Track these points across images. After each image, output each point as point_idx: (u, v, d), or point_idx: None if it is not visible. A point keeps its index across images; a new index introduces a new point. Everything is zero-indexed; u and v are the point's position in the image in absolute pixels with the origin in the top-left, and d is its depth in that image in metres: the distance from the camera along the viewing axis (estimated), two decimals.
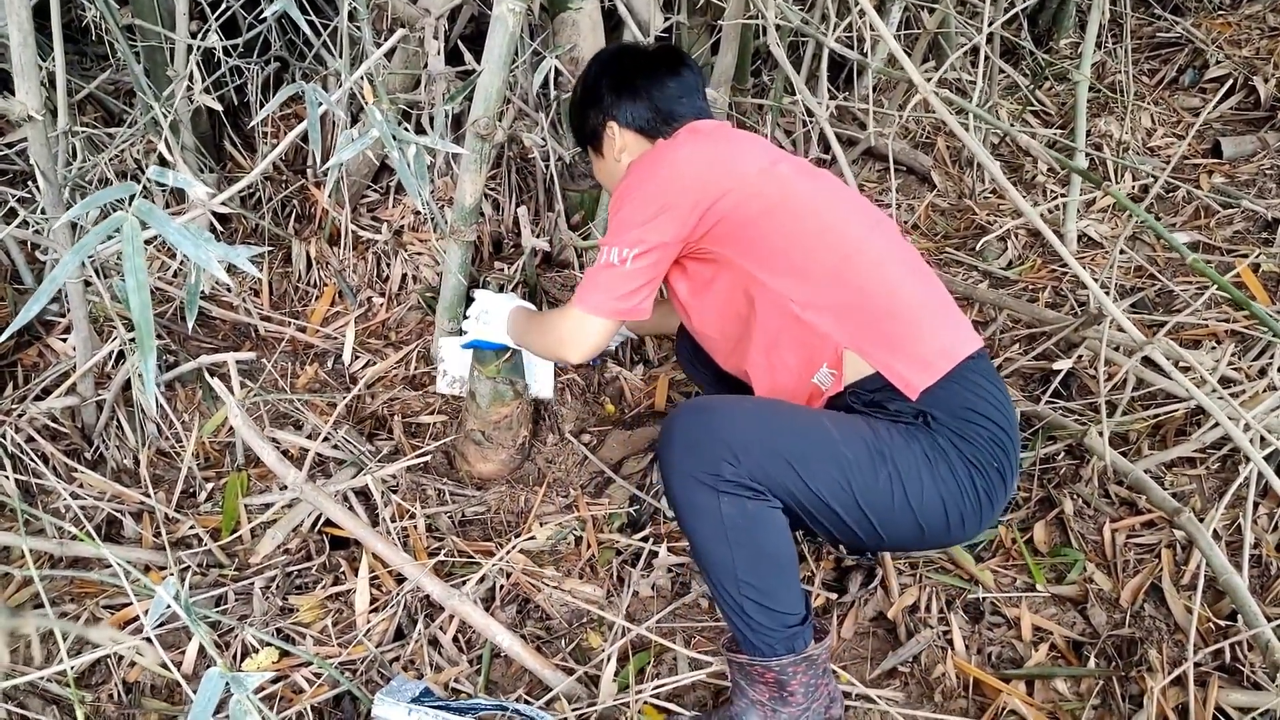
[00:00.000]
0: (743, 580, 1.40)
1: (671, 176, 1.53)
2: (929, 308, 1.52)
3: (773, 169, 1.54)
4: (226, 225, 2.63)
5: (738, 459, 1.37)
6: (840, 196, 1.58)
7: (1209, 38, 3.67)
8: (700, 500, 1.39)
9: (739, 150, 1.58)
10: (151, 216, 0.93)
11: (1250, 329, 2.26)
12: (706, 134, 1.62)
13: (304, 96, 1.29)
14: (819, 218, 1.52)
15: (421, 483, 2.06)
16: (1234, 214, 2.88)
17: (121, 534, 1.93)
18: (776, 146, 1.69)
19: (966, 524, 1.44)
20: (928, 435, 1.43)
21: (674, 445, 1.43)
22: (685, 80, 1.69)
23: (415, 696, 1.47)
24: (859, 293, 1.48)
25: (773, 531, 1.40)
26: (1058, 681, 1.61)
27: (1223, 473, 1.99)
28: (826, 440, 1.41)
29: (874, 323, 1.47)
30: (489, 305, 1.97)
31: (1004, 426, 1.46)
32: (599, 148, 1.77)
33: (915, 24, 3.24)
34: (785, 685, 1.42)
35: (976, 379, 1.47)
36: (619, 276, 1.55)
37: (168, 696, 1.65)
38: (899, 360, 1.45)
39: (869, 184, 3.24)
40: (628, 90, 1.68)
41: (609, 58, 1.75)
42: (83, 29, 2.61)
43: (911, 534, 1.44)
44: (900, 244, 1.58)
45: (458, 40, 2.64)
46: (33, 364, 2.23)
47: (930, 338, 1.48)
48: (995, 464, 1.44)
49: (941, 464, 1.41)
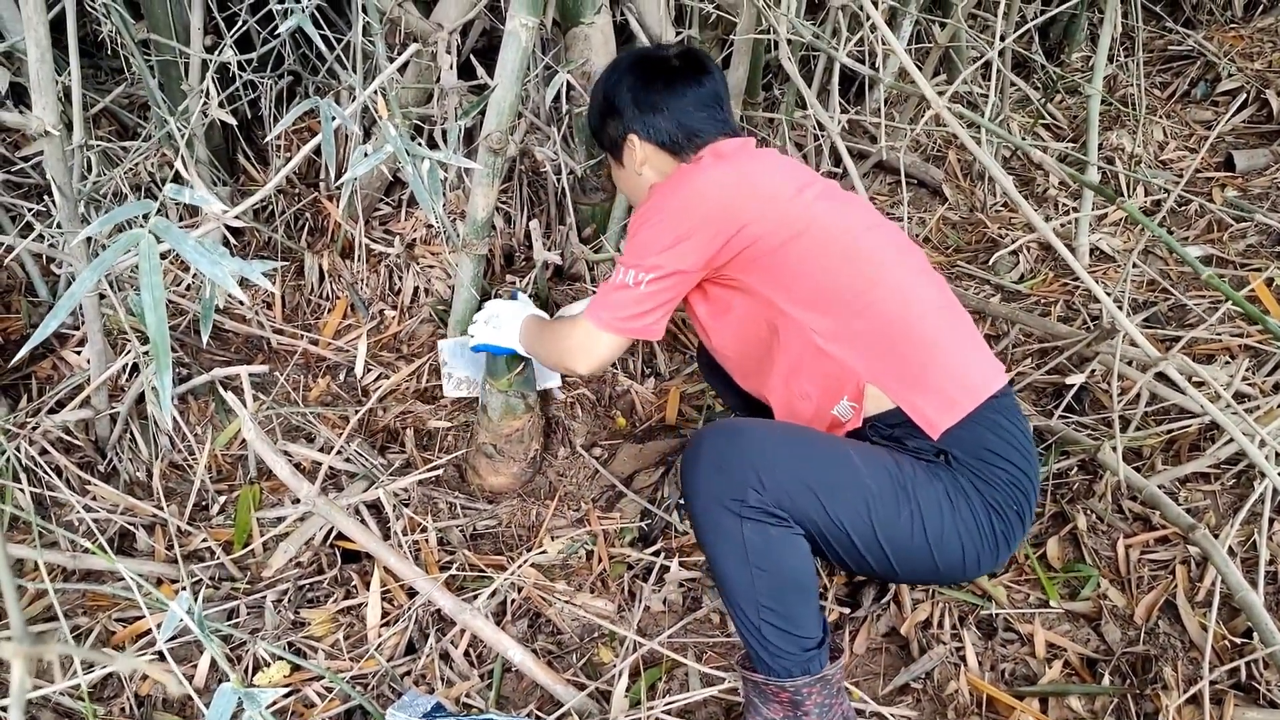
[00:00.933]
0: (763, 605, 1.39)
1: (695, 204, 1.50)
2: (955, 343, 1.49)
3: (799, 196, 1.51)
4: (240, 238, 2.64)
5: (763, 485, 1.36)
6: (867, 224, 1.55)
7: (1221, 51, 3.66)
8: (724, 523, 1.38)
9: (764, 175, 1.55)
10: (168, 234, 0.94)
11: (1265, 344, 2.25)
12: (731, 157, 1.59)
13: (318, 111, 1.29)
14: (844, 248, 1.49)
15: (433, 496, 2.06)
16: (1247, 227, 2.86)
17: (134, 547, 1.94)
18: (802, 164, 1.66)
19: (982, 563, 1.43)
20: (949, 474, 1.42)
21: (700, 467, 1.42)
22: (706, 89, 1.65)
23: (427, 711, 1.47)
24: (883, 326, 1.46)
25: (795, 557, 1.39)
26: (1072, 699, 1.59)
27: (1238, 488, 1.97)
28: (852, 471, 1.40)
29: (897, 357, 1.45)
30: (499, 310, 1.96)
31: (1024, 469, 1.44)
32: (619, 157, 1.75)
33: (927, 38, 3.24)
34: (800, 705, 1.41)
35: (998, 419, 1.45)
36: (631, 298, 1.54)
37: (180, 710, 1.65)
38: (921, 397, 1.44)
39: (880, 197, 3.23)
40: (647, 104, 1.65)
41: (629, 66, 1.71)
42: (98, 44, 2.64)
43: (926, 570, 1.43)
44: (927, 274, 1.55)
45: (470, 55, 2.64)
46: (47, 377, 2.24)
47: (954, 375, 1.45)
48: (1014, 507, 1.43)
49: (963, 504, 1.40)
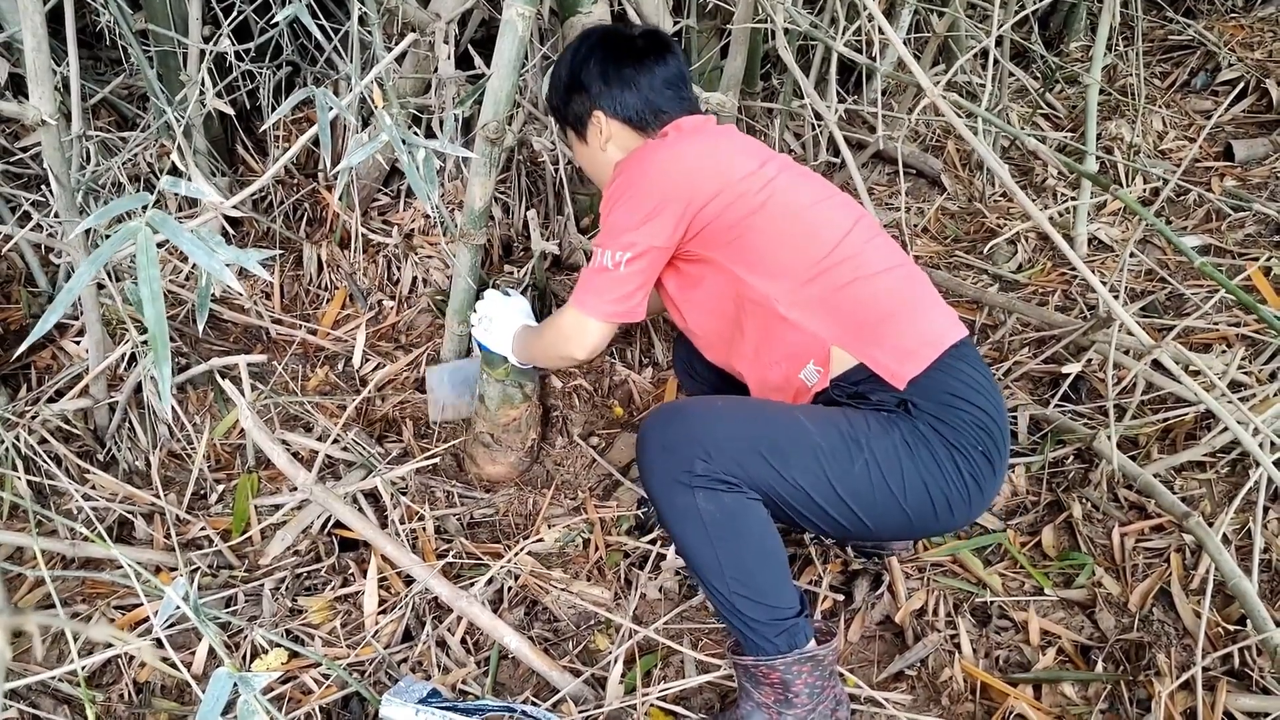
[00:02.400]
0: (730, 576, 1.41)
1: (660, 180, 1.53)
2: (913, 298, 1.54)
3: (760, 171, 1.55)
4: (238, 228, 2.65)
5: (709, 455, 1.40)
6: (823, 194, 1.60)
7: (1221, 41, 3.65)
8: (678, 500, 1.42)
9: (726, 151, 1.58)
10: (165, 226, 0.94)
11: (1261, 333, 2.25)
12: (693, 133, 1.62)
13: (315, 101, 1.30)
14: (803, 219, 1.54)
15: (430, 485, 2.07)
16: (1245, 217, 2.86)
17: (133, 535, 1.95)
18: (761, 143, 1.70)
19: (955, 510, 1.45)
20: (907, 422, 1.44)
21: (648, 449, 1.47)
22: (671, 68, 1.67)
23: (423, 697, 1.48)
24: (843, 290, 1.50)
25: (753, 523, 1.42)
26: (1065, 686, 1.60)
27: (1232, 477, 1.98)
28: (799, 431, 1.43)
29: (858, 320, 1.49)
30: (495, 313, 1.98)
31: (987, 410, 1.46)
32: (582, 134, 1.75)
33: (925, 27, 3.23)
34: (789, 686, 1.42)
35: (959, 365, 1.49)
36: (613, 280, 1.57)
37: (178, 696, 1.66)
38: (884, 353, 1.47)
39: (879, 187, 3.23)
40: (616, 80, 1.65)
41: (596, 43, 1.69)
42: (97, 34, 2.64)
43: (899, 521, 1.45)
44: (882, 238, 1.60)
45: (468, 45, 2.64)
46: (46, 366, 2.25)
47: (915, 328, 1.50)
48: (979, 447, 1.44)
49: (922, 449, 1.42)
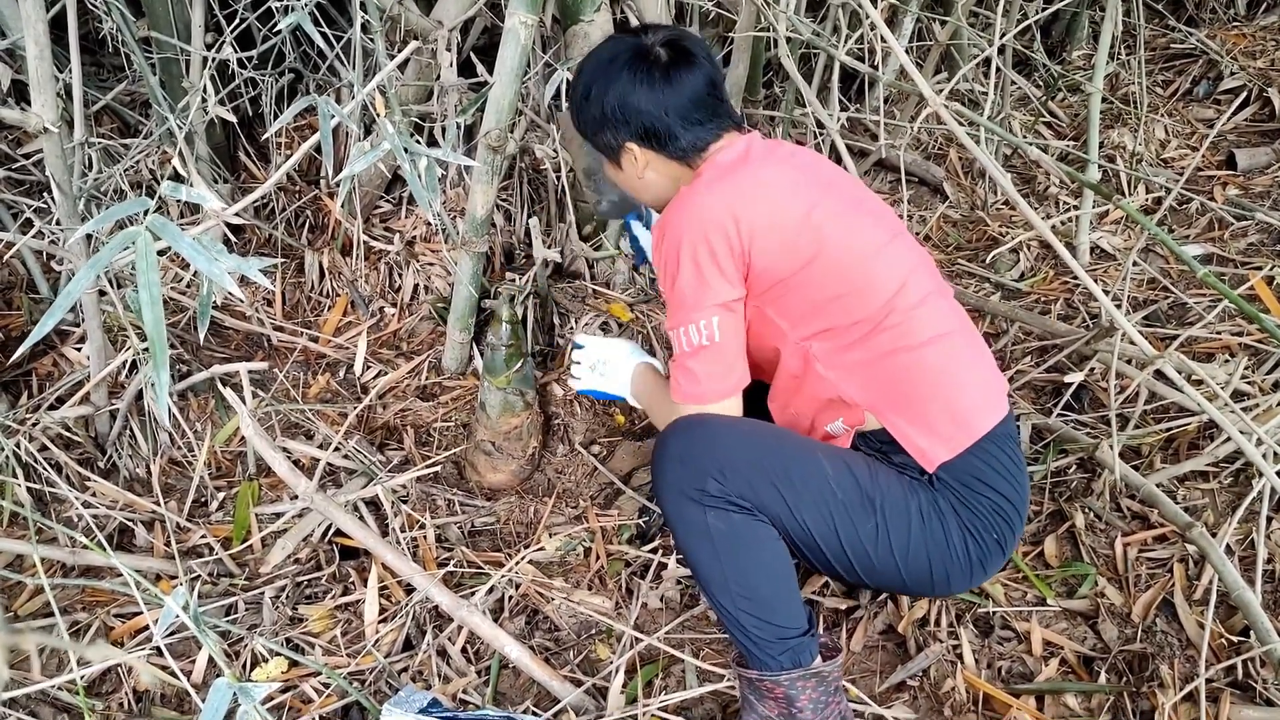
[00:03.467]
0: (737, 594, 1.40)
1: (707, 236, 1.41)
2: (957, 374, 1.46)
3: (807, 220, 1.43)
4: (240, 236, 2.65)
5: (724, 475, 1.38)
6: (879, 243, 1.47)
7: (1223, 49, 3.65)
8: (689, 515, 1.41)
9: (768, 196, 1.44)
10: (165, 231, 0.94)
11: (1264, 342, 2.25)
12: (731, 173, 1.47)
13: (317, 109, 1.30)
14: (851, 278, 1.43)
15: (431, 493, 2.06)
16: (1248, 226, 2.86)
17: (133, 543, 1.94)
18: (809, 158, 1.56)
19: (953, 582, 1.45)
20: (928, 493, 1.42)
21: (665, 461, 1.45)
22: (701, 81, 1.50)
23: (423, 707, 1.47)
24: (885, 359, 1.43)
25: (762, 545, 1.41)
26: (1068, 697, 1.59)
27: (1235, 487, 1.97)
28: (817, 473, 1.41)
29: (898, 393, 1.44)
30: (605, 355, 1.89)
31: (1010, 499, 1.44)
32: (616, 161, 1.61)
33: (927, 35, 3.23)
34: (794, 701, 1.41)
35: (992, 448, 1.44)
36: (713, 353, 1.46)
37: (177, 705, 1.65)
38: (917, 433, 1.43)
39: (881, 195, 3.22)
40: (643, 112, 1.50)
41: (620, 70, 1.51)
42: (99, 41, 2.64)
43: (893, 580, 1.45)
44: (935, 295, 1.49)
45: (470, 53, 2.65)
46: (47, 373, 2.24)
47: (954, 411, 1.44)
48: (995, 535, 1.43)
49: (934, 521, 1.41)
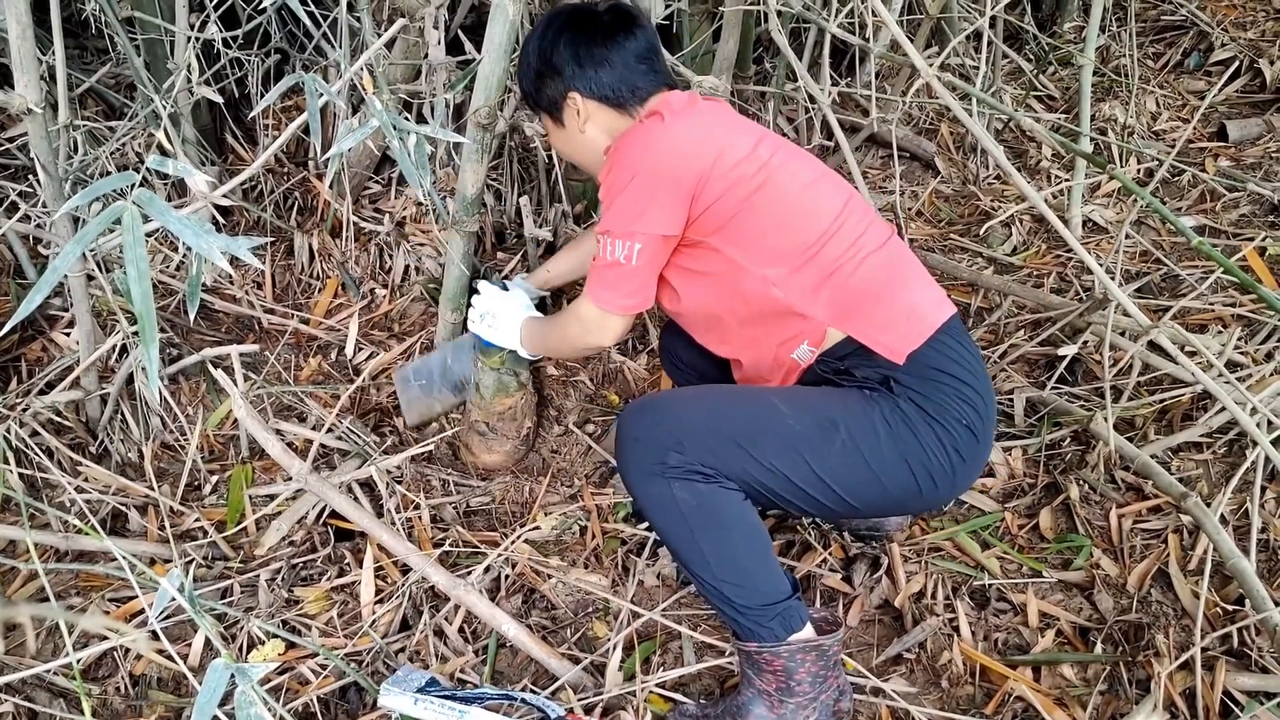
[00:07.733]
0: (714, 565, 1.42)
1: (661, 164, 1.49)
2: (904, 276, 1.55)
3: (755, 152, 1.52)
4: (228, 218, 2.62)
5: (682, 445, 1.41)
6: (814, 174, 1.58)
7: (1214, 21, 3.63)
8: (655, 492, 1.43)
9: (722, 131, 1.54)
10: (152, 206, 0.93)
11: (1257, 313, 2.25)
12: (685, 113, 1.56)
13: (304, 88, 1.28)
14: (797, 201, 1.53)
15: (426, 473, 2.06)
16: (1240, 197, 2.86)
17: (127, 527, 1.93)
18: (748, 120, 1.67)
19: (939, 483, 1.46)
20: (888, 400, 1.45)
21: (624, 442, 1.49)
22: (642, 41, 1.61)
23: (421, 686, 1.47)
24: (837, 272, 1.50)
25: (731, 511, 1.43)
26: (1064, 667, 1.60)
27: (1229, 457, 1.98)
28: (774, 416, 1.44)
29: (853, 299, 1.50)
30: (495, 309, 1.95)
31: (971, 384, 1.47)
32: (558, 118, 1.67)
33: (918, 9, 3.21)
34: (792, 674, 1.42)
35: (946, 340, 1.50)
36: (626, 274, 1.54)
37: (174, 688, 1.65)
38: (880, 330, 1.48)
39: (873, 170, 3.22)
40: (589, 59, 1.59)
41: (563, 23, 1.62)
42: (82, 22, 2.61)
43: (881, 497, 1.46)
44: (871, 216, 1.60)
45: (458, 30, 2.61)
46: (36, 358, 2.23)
47: (906, 305, 1.51)
48: (963, 420, 1.45)
49: (901, 426, 1.43)
